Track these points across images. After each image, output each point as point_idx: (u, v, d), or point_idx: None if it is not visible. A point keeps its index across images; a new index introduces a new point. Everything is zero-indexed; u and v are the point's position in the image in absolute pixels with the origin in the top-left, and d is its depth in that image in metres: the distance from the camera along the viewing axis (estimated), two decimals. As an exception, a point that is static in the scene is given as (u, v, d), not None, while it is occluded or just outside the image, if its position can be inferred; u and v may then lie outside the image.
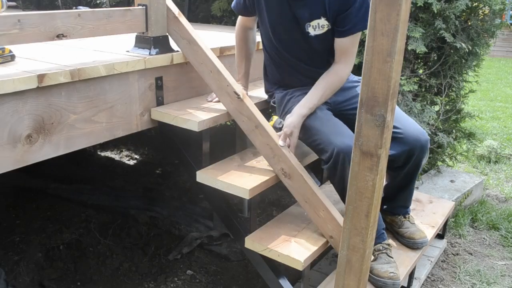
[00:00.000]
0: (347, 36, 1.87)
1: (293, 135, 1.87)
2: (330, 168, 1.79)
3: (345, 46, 1.90)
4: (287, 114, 1.93)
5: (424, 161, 1.95)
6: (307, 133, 1.87)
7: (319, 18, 1.86)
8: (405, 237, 2.10)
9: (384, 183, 2.06)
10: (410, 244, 2.09)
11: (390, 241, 1.98)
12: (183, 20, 2.01)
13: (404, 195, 2.09)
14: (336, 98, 2.00)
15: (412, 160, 1.89)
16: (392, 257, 1.90)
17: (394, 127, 1.80)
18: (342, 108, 2.01)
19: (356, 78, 2.10)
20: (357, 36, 1.89)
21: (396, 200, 2.08)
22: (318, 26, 1.87)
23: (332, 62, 1.97)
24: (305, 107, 1.89)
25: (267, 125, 1.87)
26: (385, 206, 2.13)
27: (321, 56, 1.98)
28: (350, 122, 1.79)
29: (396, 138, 1.83)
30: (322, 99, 1.92)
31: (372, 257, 1.90)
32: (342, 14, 1.82)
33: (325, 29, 1.87)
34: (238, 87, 1.92)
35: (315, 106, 1.91)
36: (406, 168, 1.93)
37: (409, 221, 2.13)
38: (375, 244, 1.91)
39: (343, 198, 1.82)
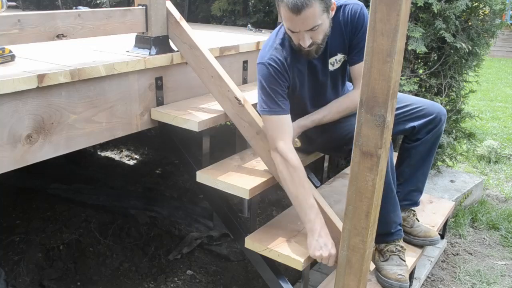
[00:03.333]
0: (361, 62, 1.86)
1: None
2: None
3: (361, 70, 1.88)
4: None
5: (440, 137, 2.02)
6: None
7: (336, 54, 1.87)
8: (421, 237, 2.09)
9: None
10: (427, 242, 2.10)
11: (403, 242, 1.96)
12: (184, 24, 2.01)
13: (419, 175, 2.05)
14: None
15: (434, 130, 1.95)
16: (404, 260, 1.89)
17: (414, 106, 1.94)
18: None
19: None
20: None
21: (411, 182, 2.05)
22: (336, 61, 1.89)
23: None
24: (308, 119, 1.94)
25: None
26: (398, 191, 2.00)
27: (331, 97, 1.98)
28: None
29: (419, 113, 1.94)
30: (328, 116, 1.93)
31: (383, 257, 1.90)
32: (355, 38, 1.82)
33: (341, 62, 1.91)
34: (239, 92, 1.91)
35: (318, 121, 1.93)
36: (428, 136, 1.96)
37: (417, 219, 2.13)
38: (390, 241, 1.91)
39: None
